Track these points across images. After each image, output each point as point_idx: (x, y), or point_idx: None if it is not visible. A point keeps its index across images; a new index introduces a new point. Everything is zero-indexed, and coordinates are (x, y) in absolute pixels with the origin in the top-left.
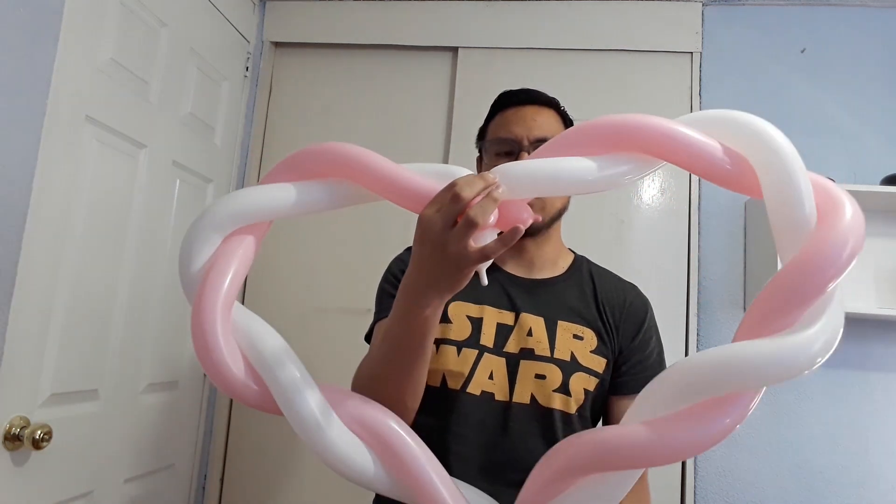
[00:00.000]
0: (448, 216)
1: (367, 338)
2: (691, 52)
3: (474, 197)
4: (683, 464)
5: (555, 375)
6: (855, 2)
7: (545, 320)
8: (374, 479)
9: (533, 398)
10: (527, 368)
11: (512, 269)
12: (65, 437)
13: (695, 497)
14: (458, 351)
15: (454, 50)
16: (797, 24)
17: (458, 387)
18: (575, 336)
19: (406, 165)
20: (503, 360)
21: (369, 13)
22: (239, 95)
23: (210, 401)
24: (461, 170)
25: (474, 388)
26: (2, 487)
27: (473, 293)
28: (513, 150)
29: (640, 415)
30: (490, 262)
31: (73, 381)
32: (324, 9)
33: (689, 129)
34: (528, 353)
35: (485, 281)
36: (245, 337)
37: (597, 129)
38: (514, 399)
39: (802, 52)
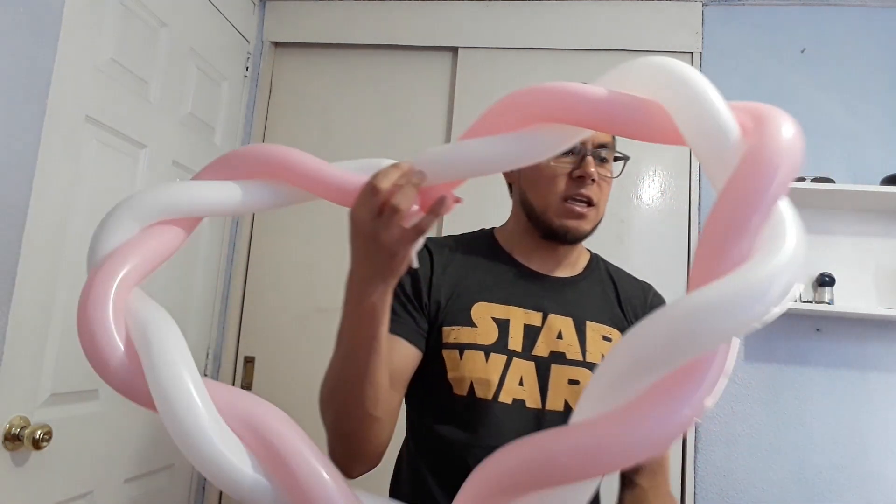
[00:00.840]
0: (372, 208)
1: None
2: (691, 52)
3: (394, 185)
4: (683, 464)
5: (589, 380)
6: (855, 2)
7: (574, 321)
8: (255, 491)
9: (567, 405)
10: (559, 373)
11: (537, 266)
12: (65, 437)
13: (695, 497)
14: (486, 356)
15: (454, 50)
16: (797, 24)
17: (490, 396)
18: (604, 338)
19: (335, 163)
20: (532, 364)
21: (369, 13)
22: (239, 95)
23: None
24: (386, 161)
25: (505, 397)
26: (2, 487)
27: (498, 292)
28: (574, 152)
29: (582, 411)
30: (422, 243)
31: (73, 381)
32: (324, 9)
33: (592, 87)
34: (559, 357)
35: (415, 264)
36: (137, 322)
37: (509, 106)
38: (548, 406)
39: (802, 52)
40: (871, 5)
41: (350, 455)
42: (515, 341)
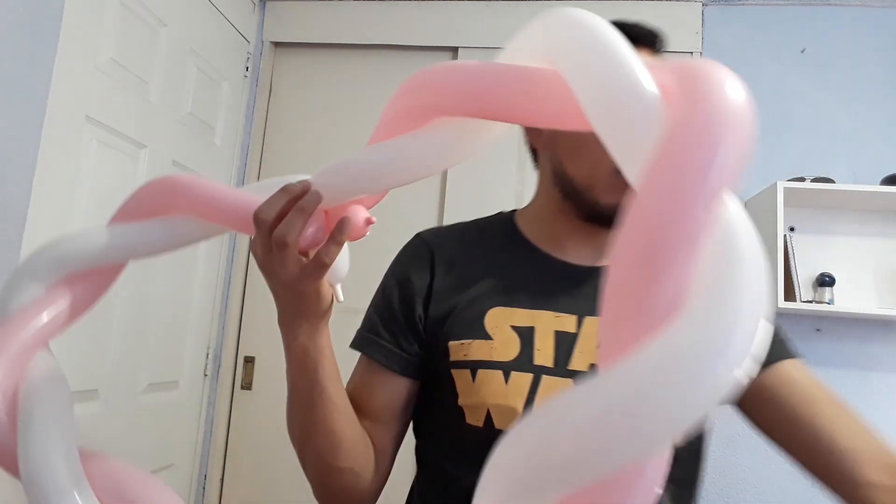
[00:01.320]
0: (262, 241)
1: (353, 345)
2: (691, 52)
3: (279, 215)
4: None
5: None
6: (855, 2)
7: None
8: None
9: None
10: None
11: (571, 256)
12: None
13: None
14: (506, 376)
15: (454, 50)
16: (797, 24)
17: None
18: None
19: (250, 184)
20: (570, 382)
21: (369, 13)
22: (239, 95)
23: (210, 401)
24: (292, 178)
25: None
26: (2, 487)
27: (518, 293)
28: None
29: None
30: (327, 268)
31: (73, 381)
32: (324, 9)
33: (473, 63)
34: None
35: (340, 297)
36: (26, 392)
37: (399, 99)
38: None
39: (802, 52)
40: (871, 5)
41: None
42: (544, 354)
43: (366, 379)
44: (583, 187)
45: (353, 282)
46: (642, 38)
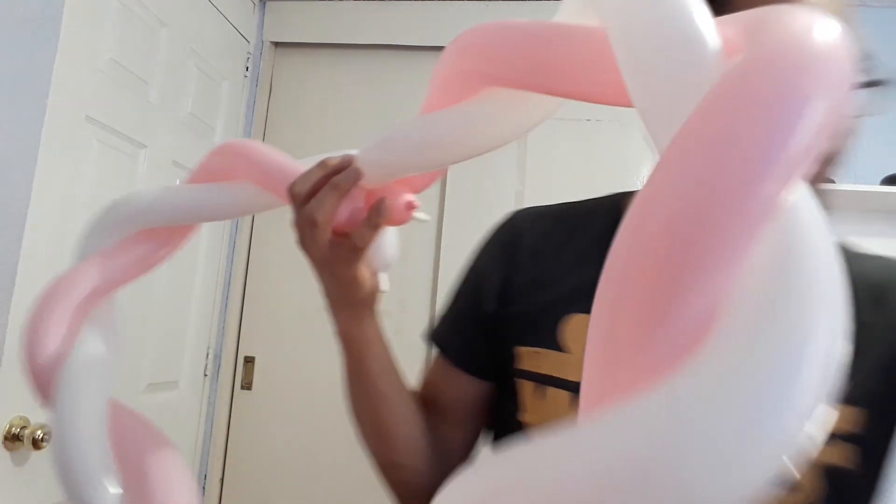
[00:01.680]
0: (295, 216)
1: (426, 334)
2: None
3: (311, 190)
4: None
5: None
6: (855, 1)
7: None
8: None
9: None
10: None
11: None
12: None
13: None
14: (576, 400)
15: None
16: None
17: None
18: None
19: (310, 157)
20: None
21: (369, 13)
22: (239, 95)
23: (210, 401)
24: (343, 153)
25: None
26: (2, 487)
27: None
28: None
29: None
30: (360, 252)
31: None
32: (324, 9)
33: (518, 21)
34: None
35: (384, 286)
36: (81, 339)
37: (445, 66)
38: None
39: None
40: (872, 5)
41: (394, 497)
42: None
43: (436, 372)
44: None
45: None
46: None
